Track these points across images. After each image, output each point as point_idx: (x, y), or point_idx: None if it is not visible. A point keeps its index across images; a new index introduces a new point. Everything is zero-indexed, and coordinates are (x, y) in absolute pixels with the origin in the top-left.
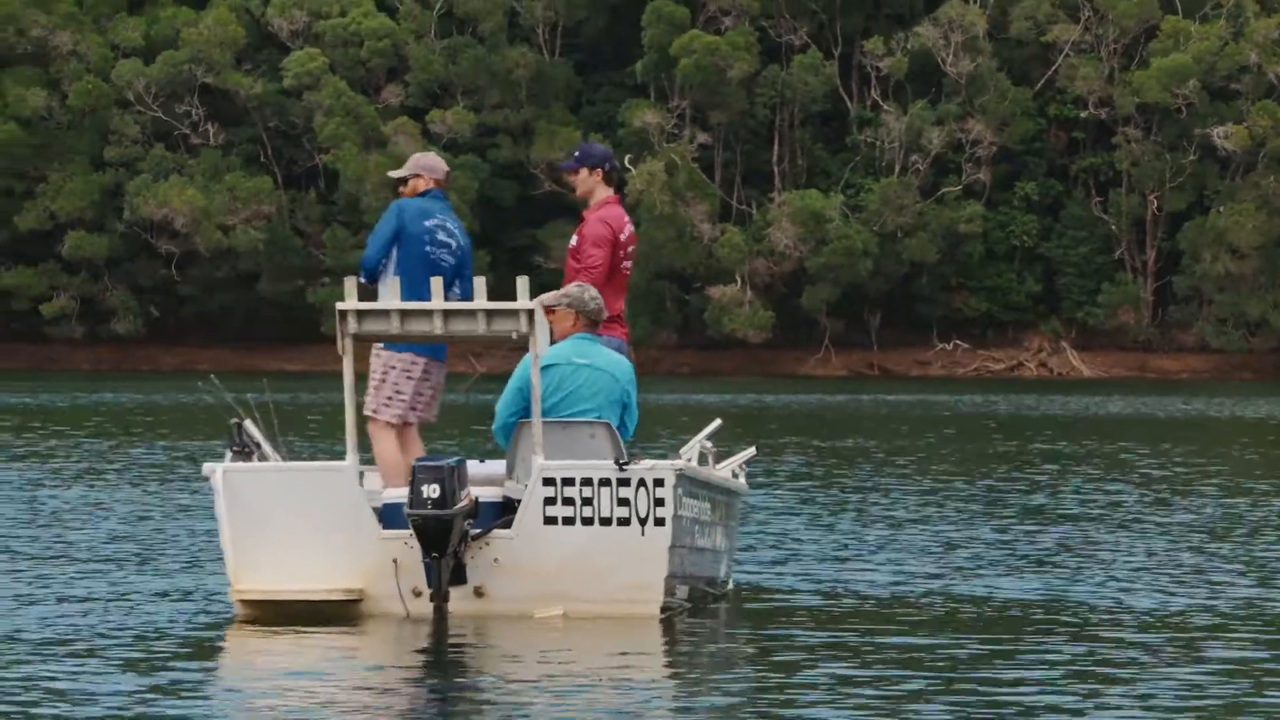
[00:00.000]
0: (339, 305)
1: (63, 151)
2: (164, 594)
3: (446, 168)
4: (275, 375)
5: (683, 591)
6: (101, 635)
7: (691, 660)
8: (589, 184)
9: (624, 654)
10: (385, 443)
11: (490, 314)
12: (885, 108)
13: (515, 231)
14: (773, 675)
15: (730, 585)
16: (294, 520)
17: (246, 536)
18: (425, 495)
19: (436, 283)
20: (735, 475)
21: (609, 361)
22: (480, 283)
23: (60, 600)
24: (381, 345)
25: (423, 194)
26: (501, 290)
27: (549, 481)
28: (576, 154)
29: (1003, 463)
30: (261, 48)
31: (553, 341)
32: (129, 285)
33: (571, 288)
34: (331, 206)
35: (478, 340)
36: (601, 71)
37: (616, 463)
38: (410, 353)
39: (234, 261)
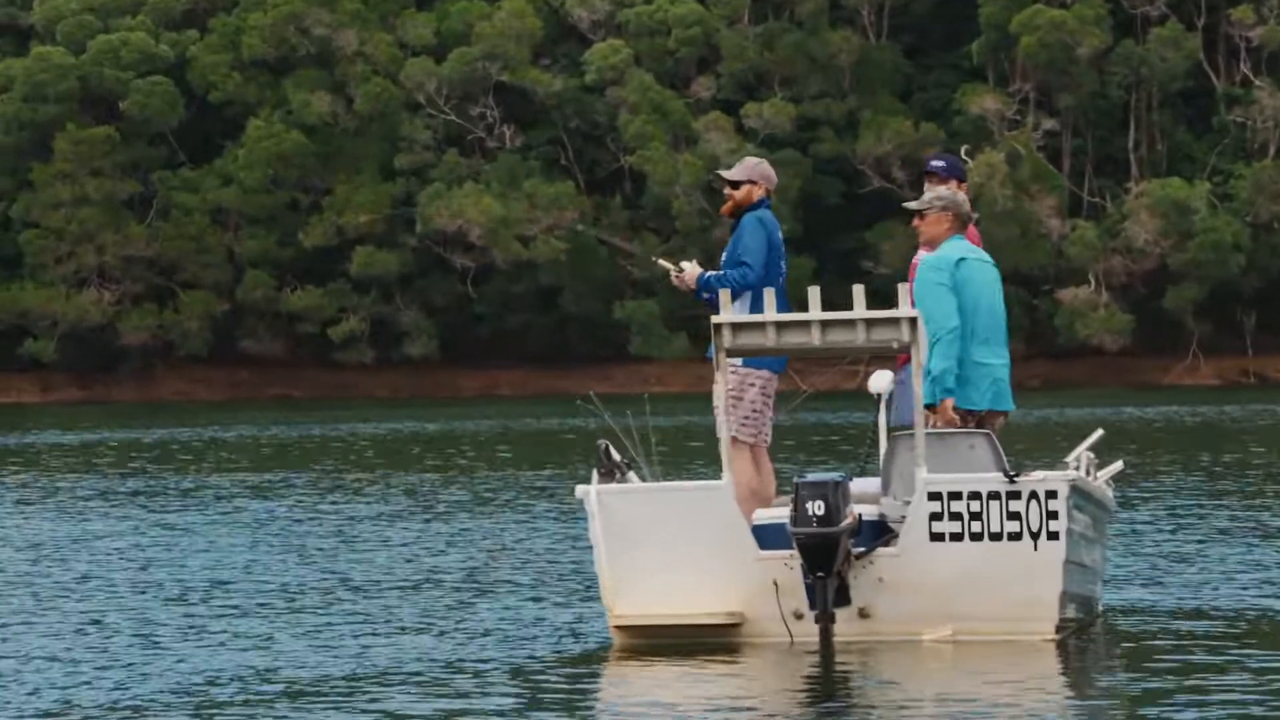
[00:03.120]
0: (714, 319)
1: (349, 160)
2: (538, 621)
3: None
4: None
5: (1071, 610)
6: (480, 666)
7: (1092, 694)
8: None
9: (1022, 685)
10: (742, 463)
11: (870, 323)
12: (1257, 83)
13: (842, 234)
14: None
15: (1101, 607)
16: (670, 542)
17: (622, 559)
18: (810, 512)
19: (814, 292)
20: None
21: (988, 258)
22: (859, 290)
23: (438, 633)
24: (738, 361)
25: (758, 202)
26: (829, 298)
27: (934, 496)
28: (944, 164)
29: None
30: (560, 41)
31: (923, 243)
32: (421, 304)
33: (942, 190)
34: (639, 212)
35: (856, 351)
36: (933, 54)
37: (1005, 474)
38: (766, 369)
39: (534, 275)
